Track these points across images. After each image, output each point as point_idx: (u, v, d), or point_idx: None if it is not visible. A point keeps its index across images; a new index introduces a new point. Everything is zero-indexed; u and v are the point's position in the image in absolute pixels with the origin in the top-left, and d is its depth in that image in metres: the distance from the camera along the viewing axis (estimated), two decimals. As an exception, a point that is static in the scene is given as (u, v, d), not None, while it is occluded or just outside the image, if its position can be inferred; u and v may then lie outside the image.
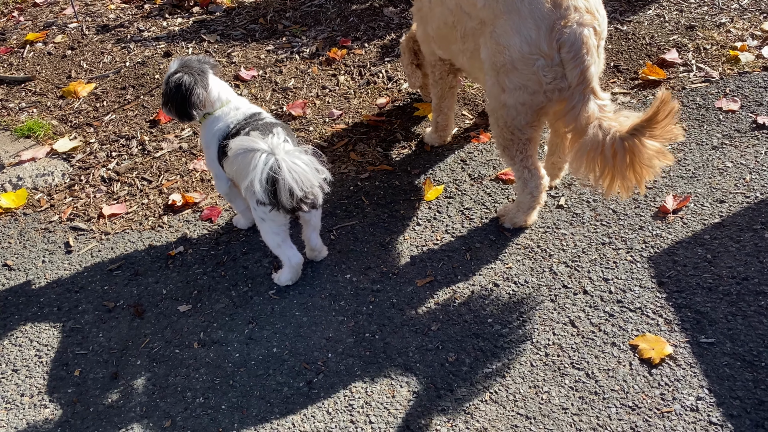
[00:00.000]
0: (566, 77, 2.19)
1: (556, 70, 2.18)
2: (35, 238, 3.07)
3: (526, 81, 2.23)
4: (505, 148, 2.47)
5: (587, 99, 2.19)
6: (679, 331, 2.25)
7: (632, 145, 2.10)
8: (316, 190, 2.23)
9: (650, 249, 2.55)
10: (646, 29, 3.72)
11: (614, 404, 2.09)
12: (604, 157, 2.14)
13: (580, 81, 2.17)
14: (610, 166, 2.15)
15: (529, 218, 2.67)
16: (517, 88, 2.27)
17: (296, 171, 2.14)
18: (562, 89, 2.22)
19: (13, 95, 4.12)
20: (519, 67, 2.21)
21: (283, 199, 2.16)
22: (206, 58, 2.61)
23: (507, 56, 2.21)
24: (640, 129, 2.08)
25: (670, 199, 2.70)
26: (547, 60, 2.16)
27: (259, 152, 2.13)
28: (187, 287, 2.70)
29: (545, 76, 2.19)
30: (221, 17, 4.54)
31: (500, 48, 2.23)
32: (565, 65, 2.17)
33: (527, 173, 2.51)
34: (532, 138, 2.42)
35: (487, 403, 2.16)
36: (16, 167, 3.51)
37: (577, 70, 2.15)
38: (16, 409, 2.37)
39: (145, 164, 3.40)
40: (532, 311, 2.40)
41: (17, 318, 2.69)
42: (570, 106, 2.21)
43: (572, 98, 2.20)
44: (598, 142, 2.14)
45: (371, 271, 2.64)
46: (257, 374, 2.35)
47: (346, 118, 3.49)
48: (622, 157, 2.12)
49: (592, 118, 2.18)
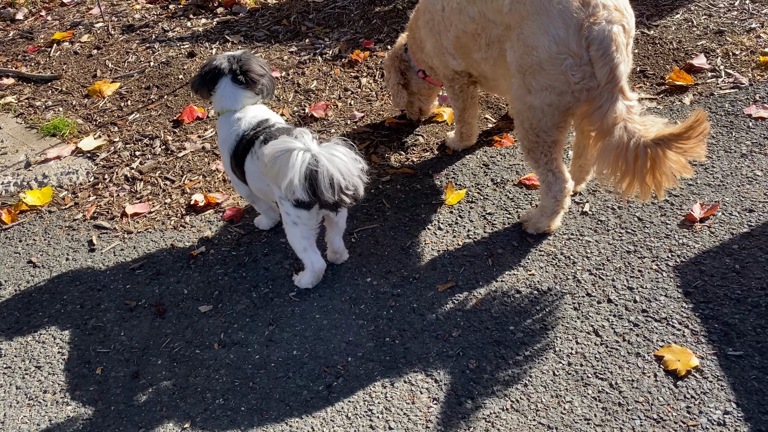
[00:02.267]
0: (595, 76, 2.16)
1: (584, 70, 2.16)
2: (59, 235, 3.10)
3: (554, 81, 2.21)
4: (530, 150, 2.45)
5: (615, 99, 2.16)
6: (706, 342, 2.21)
7: (654, 154, 2.09)
8: (357, 180, 2.22)
9: (676, 258, 2.50)
10: (673, 34, 3.67)
11: (638, 416, 2.06)
12: (626, 161, 2.13)
13: (610, 79, 2.14)
14: (631, 170, 2.14)
15: (552, 223, 2.64)
16: (543, 89, 2.24)
17: (335, 161, 2.14)
18: (591, 89, 2.19)
19: (40, 94, 4.17)
20: (546, 67, 2.19)
21: (324, 193, 2.16)
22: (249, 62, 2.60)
23: (535, 57, 2.19)
24: (667, 141, 2.07)
25: (698, 208, 2.65)
26: (576, 59, 2.14)
27: (296, 150, 2.13)
28: (208, 287, 2.71)
29: (573, 76, 2.17)
30: (245, 18, 4.56)
31: (528, 49, 2.21)
32: (594, 64, 2.14)
33: (551, 176, 2.48)
34: (557, 140, 2.39)
35: (509, 411, 2.13)
36: (42, 165, 3.55)
37: (607, 68, 2.13)
38: (39, 406, 2.39)
39: (168, 164, 3.42)
40: (554, 319, 2.37)
41: (41, 315, 2.72)
42: (597, 105, 2.18)
43: (600, 97, 2.17)
44: (622, 144, 2.13)
45: (392, 275, 2.63)
46: (277, 376, 2.34)
47: (368, 121, 3.48)
48: (643, 162, 2.11)
49: (619, 119, 2.16)
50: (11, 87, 4.28)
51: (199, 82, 2.61)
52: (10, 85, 4.29)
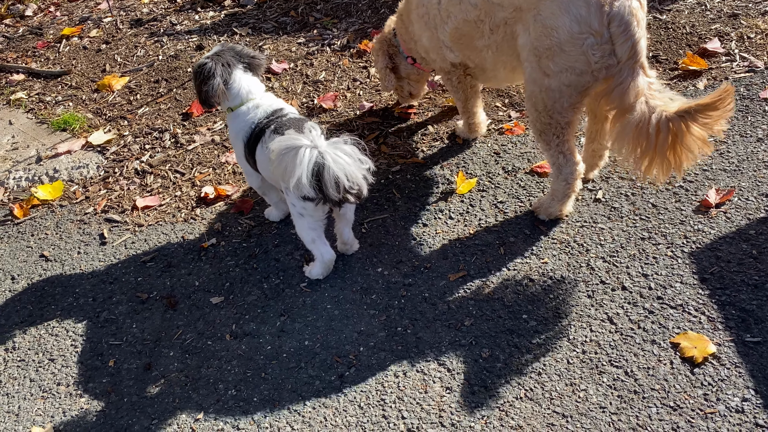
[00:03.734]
0: (615, 53, 2.14)
1: (604, 48, 2.13)
2: (71, 229, 3.11)
3: (574, 62, 2.18)
4: (542, 132, 2.42)
5: (637, 74, 2.14)
6: (723, 329, 2.18)
7: (677, 128, 2.07)
8: (361, 181, 2.20)
9: (692, 244, 2.46)
10: (686, 18, 3.61)
11: (655, 404, 2.03)
12: (648, 136, 2.11)
13: (631, 55, 2.12)
14: (652, 147, 2.12)
15: (564, 208, 2.61)
16: (563, 71, 2.21)
17: (340, 162, 2.12)
18: (610, 66, 2.17)
19: (49, 89, 4.18)
20: (567, 48, 2.15)
21: (329, 192, 2.15)
22: (246, 50, 2.58)
23: (555, 38, 2.15)
24: (693, 114, 2.04)
25: (713, 193, 2.61)
26: (597, 38, 2.11)
27: (303, 147, 2.11)
28: (219, 279, 2.71)
29: (594, 55, 2.14)
30: (252, 10, 4.54)
31: (547, 30, 2.17)
32: (615, 40, 2.11)
33: (562, 158, 2.45)
34: (571, 121, 2.37)
35: (523, 400, 2.11)
36: (53, 159, 3.56)
37: (628, 43, 2.10)
38: (53, 398, 2.40)
39: (178, 157, 3.42)
40: (568, 307, 2.34)
41: (53, 308, 2.73)
42: (618, 82, 2.16)
43: (620, 74, 2.15)
44: (644, 119, 2.11)
45: (403, 265, 2.61)
46: (289, 367, 2.34)
47: (378, 111, 3.46)
48: (665, 137, 2.09)
49: (640, 94, 2.14)
50: (21, 83, 4.29)
51: (213, 87, 2.47)
52: (21, 81, 4.30)
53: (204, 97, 2.52)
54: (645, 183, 2.71)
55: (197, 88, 2.53)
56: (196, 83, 2.52)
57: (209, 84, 2.46)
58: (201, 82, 2.48)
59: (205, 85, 2.47)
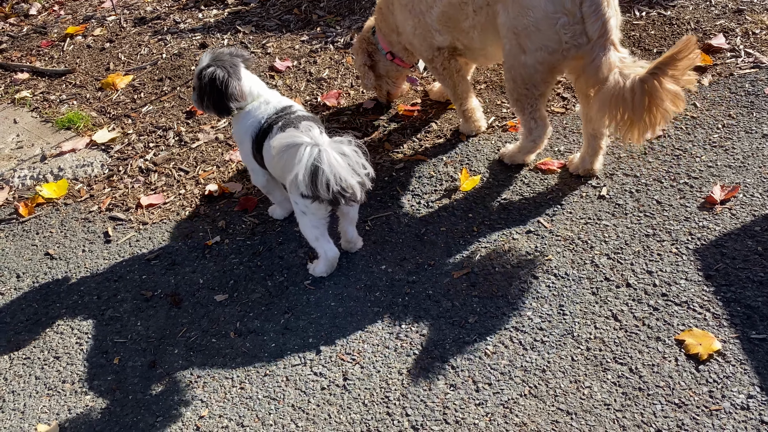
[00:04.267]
0: (586, 32, 2.28)
1: (575, 28, 2.28)
2: (76, 227, 3.12)
3: (547, 41, 2.34)
4: (517, 101, 2.61)
5: (608, 50, 2.29)
6: (728, 326, 2.17)
7: (651, 87, 2.18)
8: (354, 185, 2.15)
9: (696, 241, 2.46)
10: (691, 14, 3.59)
11: (659, 401, 2.02)
12: (624, 100, 2.23)
13: (602, 33, 2.27)
14: (630, 110, 2.23)
15: (528, 158, 2.87)
16: (537, 49, 2.38)
17: (333, 164, 2.10)
18: (580, 45, 2.31)
19: (54, 88, 4.19)
20: (542, 27, 2.31)
21: (320, 191, 2.13)
22: (238, 51, 2.57)
23: (531, 18, 2.31)
24: (661, 69, 2.16)
25: (718, 190, 2.60)
26: (570, 17, 2.26)
27: (304, 145, 2.10)
28: (223, 277, 2.71)
29: (565, 34, 2.30)
30: (256, 8, 4.54)
31: (524, 10, 2.32)
32: (586, 20, 2.26)
33: (533, 123, 2.66)
34: (544, 93, 2.56)
35: (527, 397, 2.11)
36: (57, 158, 3.57)
37: (599, 23, 2.25)
38: (58, 396, 2.41)
39: (182, 155, 3.42)
40: (572, 304, 2.34)
41: (58, 306, 2.74)
42: (590, 59, 2.31)
43: (592, 51, 2.30)
44: (619, 86, 2.23)
45: (406, 262, 2.61)
46: (293, 364, 2.34)
47: (381, 109, 3.45)
48: (641, 99, 2.20)
49: (613, 66, 2.28)
50: (26, 81, 4.30)
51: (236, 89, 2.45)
52: (25, 80, 4.32)
53: (224, 104, 2.46)
54: (629, 146, 2.87)
55: (214, 96, 2.45)
56: (211, 93, 2.44)
57: (230, 88, 2.42)
58: (220, 89, 2.42)
59: (227, 89, 2.42)
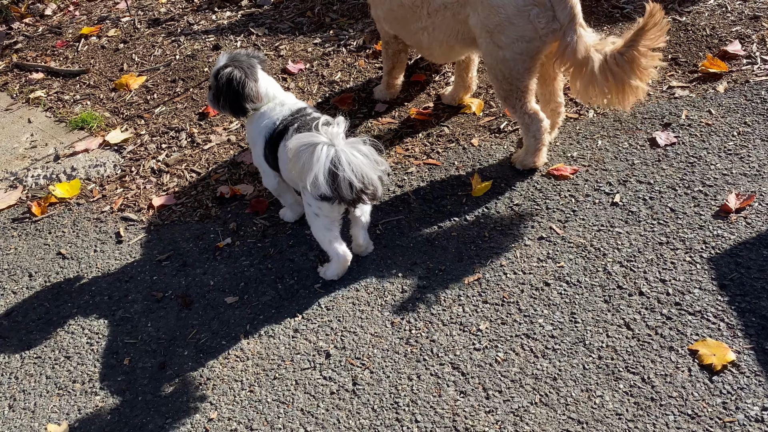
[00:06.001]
0: (557, 18, 2.44)
1: (548, 15, 2.44)
2: (88, 227, 3.13)
3: (523, 32, 2.48)
4: (506, 98, 2.71)
5: (579, 33, 2.45)
6: (742, 336, 2.14)
7: (630, 57, 2.40)
8: (376, 181, 2.18)
9: (711, 250, 2.43)
10: (706, 20, 3.56)
11: (672, 411, 2.00)
12: (612, 73, 2.42)
13: (571, 18, 2.43)
14: (620, 79, 2.42)
15: (538, 160, 2.87)
16: (514, 42, 2.52)
17: (355, 162, 2.11)
18: (555, 30, 2.47)
19: (68, 88, 4.22)
20: (515, 21, 2.46)
21: (343, 191, 2.13)
22: (255, 53, 2.60)
23: (503, 15, 2.47)
24: (635, 39, 2.37)
25: (733, 198, 2.57)
26: (540, 7, 2.43)
27: (320, 144, 2.10)
28: (234, 279, 2.71)
29: (539, 23, 2.45)
30: (269, 10, 4.55)
31: (494, 9, 2.48)
32: (555, 7, 2.43)
33: (528, 118, 2.73)
34: (528, 86, 2.66)
35: (538, 405, 2.09)
36: (71, 158, 3.59)
37: (567, 8, 2.42)
38: (68, 396, 2.42)
39: (194, 156, 3.43)
40: (584, 312, 2.32)
41: (70, 306, 2.75)
42: (565, 44, 2.46)
43: (565, 36, 2.45)
44: (603, 62, 2.43)
45: (417, 267, 2.60)
46: (303, 368, 2.34)
47: (393, 112, 3.45)
48: (624, 68, 2.40)
49: (589, 46, 2.46)
50: (41, 81, 4.33)
51: (252, 89, 2.47)
52: (40, 80, 4.34)
53: (240, 105, 2.49)
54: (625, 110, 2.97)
55: (231, 97, 2.47)
56: (228, 93, 2.46)
57: (247, 88, 2.45)
58: (236, 89, 2.44)
59: (244, 90, 2.44)
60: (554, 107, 2.94)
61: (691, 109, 3.06)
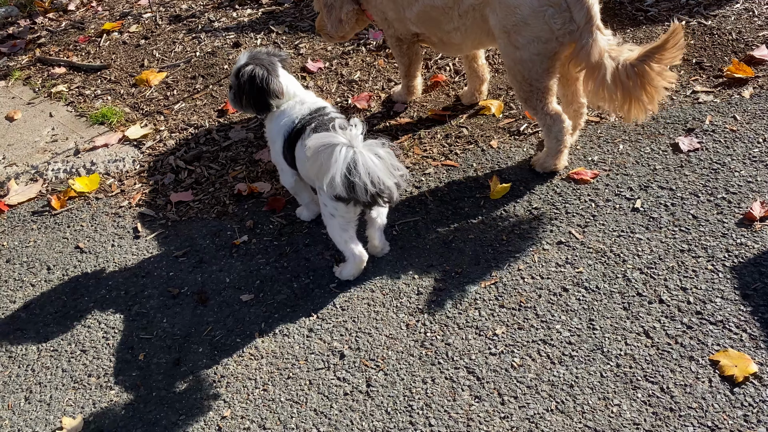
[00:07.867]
0: (574, 20, 2.41)
1: (564, 16, 2.41)
2: (106, 222, 3.15)
3: (539, 32, 2.45)
4: (527, 100, 2.68)
5: (595, 35, 2.42)
6: (765, 348, 2.10)
7: (642, 70, 2.36)
8: (391, 186, 2.17)
9: (734, 258, 2.38)
10: (732, 24, 3.50)
11: (691, 422, 1.97)
12: (621, 83, 2.39)
13: (588, 20, 2.40)
14: (628, 91, 2.39)
15: (559, 162, 2.84)
16: (530, 42, 2.49)
17: (371, 167, 2.10)
18: (572, 31, 2.43)
19: (89, 83, 4.25)
20: (531, 22, 2.44)
21: (358, 193, 2.13)
22: (276, 51, 2.61)
23: (519, 15, 2.45)
24: (650, 55, 2.34)
25: (757, 206, 2.52)
26: (556, 8, 2.40)
27: (339, 146, 2.09)
28: (250, 277, 2.71)
29: (555, 23, 2.42)
30: (290, 8, 4.55)
31: (511, 10, 2.46)
32: (572, 8, 2.39)
33: (549, 119, 2.70)
34: (548, 86, 2.63)
35: (553, 412, 2.06)
36: (90, 152, 3.62)
37: (584, 10, 2.39)
38: (84, 389, 2.43)
39: (213, 153, 3.44)
40: (603, 319, 2.29)
41: (87, 300, 2.77)
42: (580, 46, 2.43)
43: (581, 37, 2.42)
44: (614, 70, 2.39)
45: (433, 269, 2.58)
46: (317, 368, 2.33)
47: (411, 112, 3.43)
48: (635, 81, 2.37)
49: (603, 50, 2.42)
50: (63, 76, 4.37)
51: (277, 86, 2.49)
52: (62, 74, 4.38)
53: (264, 101, 2.50)
54: (629, 123, 2.95)
55: (254, 94, 2.48)
56: (250, 91, 2.47)
57: (271, 84, 2.46)
58: (260, 86, 2.45)
59: (269, 86, 2.46)
60: (577, 108, 2.90)
61: (715, 115, 3.00)
